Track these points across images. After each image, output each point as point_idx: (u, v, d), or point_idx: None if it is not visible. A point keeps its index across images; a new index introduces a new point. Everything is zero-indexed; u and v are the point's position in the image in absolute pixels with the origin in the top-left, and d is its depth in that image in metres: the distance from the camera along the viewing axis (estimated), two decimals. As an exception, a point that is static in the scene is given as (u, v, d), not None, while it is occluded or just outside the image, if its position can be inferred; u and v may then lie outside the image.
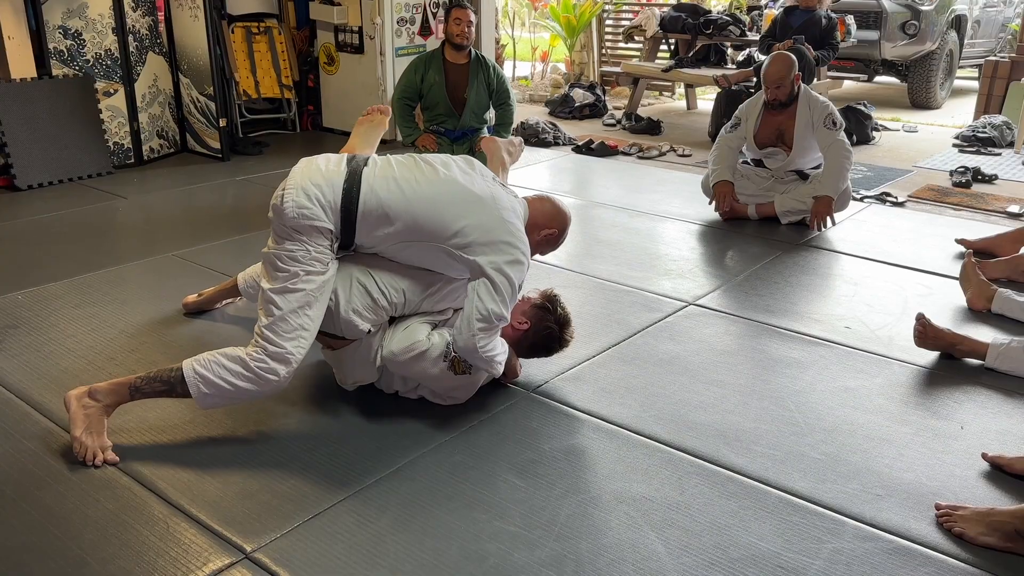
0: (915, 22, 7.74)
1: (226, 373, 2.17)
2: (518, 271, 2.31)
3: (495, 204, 2.34)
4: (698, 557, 1.86)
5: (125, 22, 5.14)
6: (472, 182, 2.38)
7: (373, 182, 2.29)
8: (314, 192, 2.24)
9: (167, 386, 2.20)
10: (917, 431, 2.39)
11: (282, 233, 2.25)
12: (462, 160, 2.48)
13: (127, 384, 2.22)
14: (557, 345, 2.56)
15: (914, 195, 4.89)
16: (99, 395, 2.20)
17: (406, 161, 2.40)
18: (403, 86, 4.79)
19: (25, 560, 1.83)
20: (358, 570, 1.81)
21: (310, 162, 2.36)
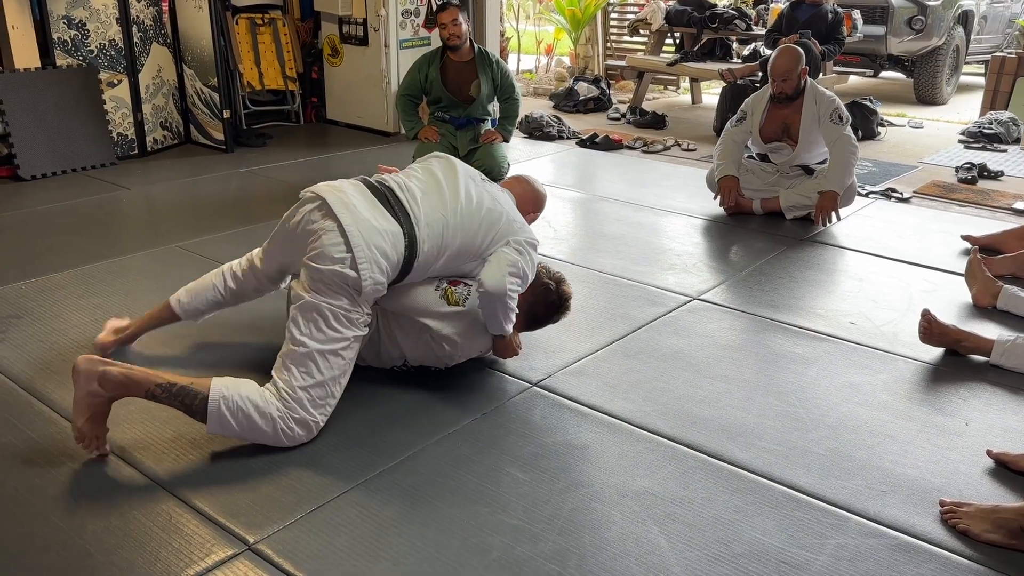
0: (922, 17, 7.71)
1: (249, 424, 2.10)
2: (534, 248, 2.51)
3: (502, 210, 2.49)
4: (701, 552, 1.86)
5: (129, 12, 5.13)
6: (480, 197, 2.48)
7: (422, 238, 2.32)
8: (383, 264, 2.24)
9: (185, 408, 2.10)
10: (921, 427, 2.38)
11: (338, 290, 2.19)
12: (454, 172, 2.52)
13: (144, 386, 2.08)
14: (556, 298, 2.60)
15: (919, 191, 4.87)
16: (109, 385, 2.06)
17: (425, 194, 2.41)
18: (407, 84, 4.96)
19: (28, 551, 1.83)
20: (361, 562, 1.80)
21: (356, 213, 2.25)
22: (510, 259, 2.41)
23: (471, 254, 2.45)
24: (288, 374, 2.15)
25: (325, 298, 2.18)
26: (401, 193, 2.37)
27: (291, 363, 2.15)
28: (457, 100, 4.90)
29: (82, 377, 2.06)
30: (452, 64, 4.85)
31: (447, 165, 2.56)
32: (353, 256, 2.18)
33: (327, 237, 2.20)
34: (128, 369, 2.10)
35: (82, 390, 2.06)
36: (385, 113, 6.06)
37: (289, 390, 2.14)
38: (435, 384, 2.52)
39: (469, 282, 2.51)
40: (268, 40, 6.07)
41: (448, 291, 2.46)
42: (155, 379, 2.10)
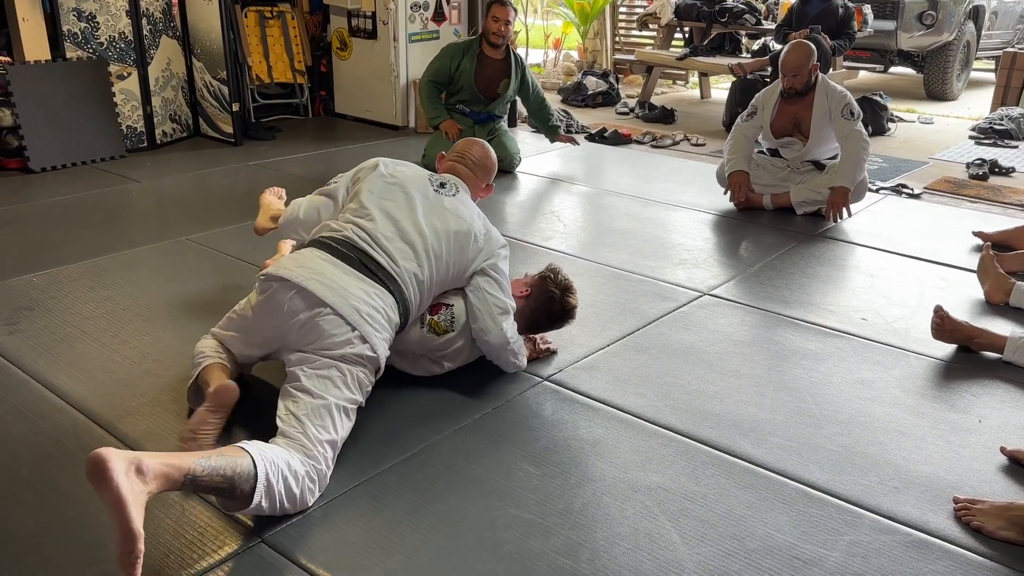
0: (932, 12, 7.67)
1: (284, 492, 1.83)
2: (506, 263, 2.49)
3: (468, 227, 2.39)
4: (714, 547, 1.85)
5: (139, 5, 5.12)
6: (444, 222, 2.36)
7: (410, 297, 2.25)
8: (388, 335, 2.18)
9: (228, 483, 1.72)
10: (934, 424, 2.37)
11: (352, 361, 2.07)
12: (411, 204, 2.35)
13: (183, 470, 1.67)
14: (560, 310, 2.57)
15: (930, 187, 4.85)
16: (149, 476, 1.59)
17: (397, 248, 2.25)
18: (435, 69, 4.97)
19: (42, 542, 1.84)
20: (373, 555, 1.80)
21: (345, 294, 2.09)
22: (494, 301, 2.39)
23: (450, 283, 2.42)
24: (303, 427, 1.95)
25: (346, 367, 2.06)
26: (376, 253, 2.21)
27: (304, 416, 1.96)
28: (481, 96, 4.98)
29: (119, 470, 1.54)
30: (487, 59, 4.94)
31: (401, 197, 2.36)
32: (360, 334, 2.08)
33: (326, 323, 2.05)
34: (163, 458, 1.67)
35: (123, 482, 1.54)
36: (394, 107, 6.05)
37: (309, 443, 1.93)
38: (445, 379, 2.52)
39: (447, 302, 2.45)
40: (277, 33, 6.07)
41: (432, 323, 2.41)
42: (192, 460, 1.69)
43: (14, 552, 1.81)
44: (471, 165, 2.61)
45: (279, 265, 2.18)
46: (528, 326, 2.58)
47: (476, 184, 2.60)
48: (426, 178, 2.46)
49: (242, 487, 1.74)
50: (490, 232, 2.47)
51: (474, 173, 2.60)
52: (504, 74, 4.99)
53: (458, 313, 2.44)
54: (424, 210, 2.35)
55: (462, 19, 6.28)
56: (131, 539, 1.51)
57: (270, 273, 2.16)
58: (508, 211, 4.27)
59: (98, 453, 1.56)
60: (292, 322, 2.09)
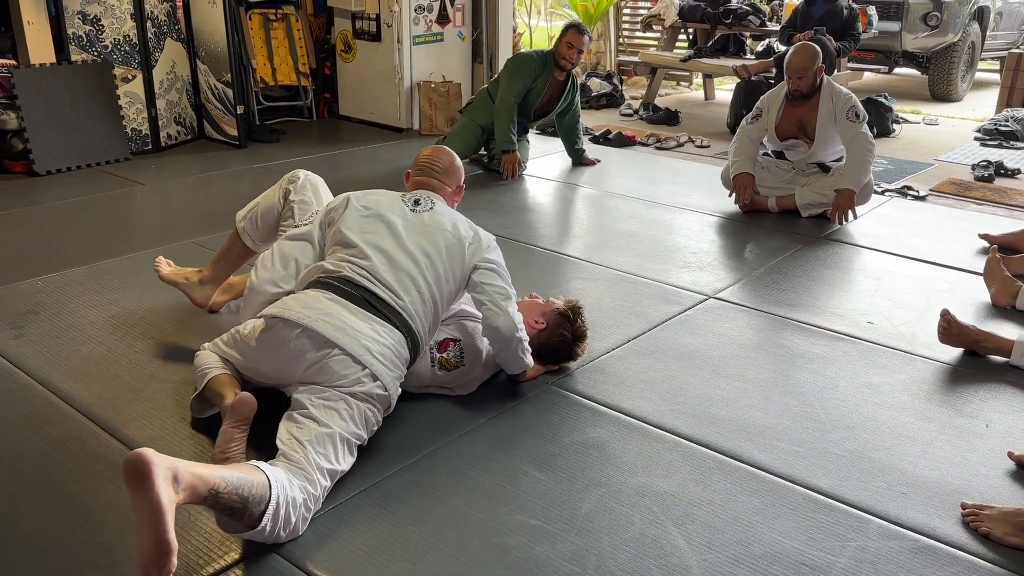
0: (937, 13, 7.65)
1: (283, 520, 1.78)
2: (497, 253, 2.45)
3: (456, 239, 2.35)
4: (721, 554, 1.85)
5: (143, 8, 5.13)
6: (433, 242, 2.31)
7: (418, 329, 2.22)
8: (399, 373, 2.16)
9: (242, 504, 1.67)
10: (941, 429, 2.36)
11: (361, 398, 2.05)
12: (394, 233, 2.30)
13: (209, 484, 1.62)
14: (565, 354, 2.60)
15: (935, 189, 4.84)
16: (181, 485, 1.55)
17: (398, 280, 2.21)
18: (519, 89, 4.88)
19: (48, 547, 1.84)
20: (379, 561, 1.80)
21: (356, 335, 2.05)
22: (495, 290, 2.35)
23: (457, 294, 2.39)
24: (305, 452, 1.91)
25: (346, 399, 2.02)
26: (379, 289, 2.17)
27: (308, 442, 1.92)
28: (534, 115, 5.07)
29: (161, 477, 1.49)
30: (553, 81, 4.97)
31: (382, 227, 2.31)
32: (371, 372, 2.05)
33: (336, 364, 2.02)
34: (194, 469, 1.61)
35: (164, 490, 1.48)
36: (398, 109, 6.05)
37: (310, 469, 1.89)
38: (451, 382, 2.52)
39: (454, 336, 2.44)
40: (281, 36, 6.07)
41: (442, 360, 2.40)
42: (218, 476, 1.65)
43: (19, 557, 1.80)
44: (439, 175, 2.55)
45: (284, 306, 2.12)
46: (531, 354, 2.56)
47: (448, 192, 2.55)
48: (399, 199, 2.42)
49: (252, 510, 1.70)
50: (477, 232, 2.43)
51: (443, 182, 2.54)
52: (560, 96, 5.04)
53: (466, 347, 2.43)
54: (408, 235, 2.30)
55: (466, 21, 6.28)
56: (165, 551, 1.44)
57: (274, 314, 2.11)
58: (512, 214, 4.26)
59: (141, 454, 1.48)
60: (299, 362, 2.05)
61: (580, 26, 4.93)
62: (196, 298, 2.79)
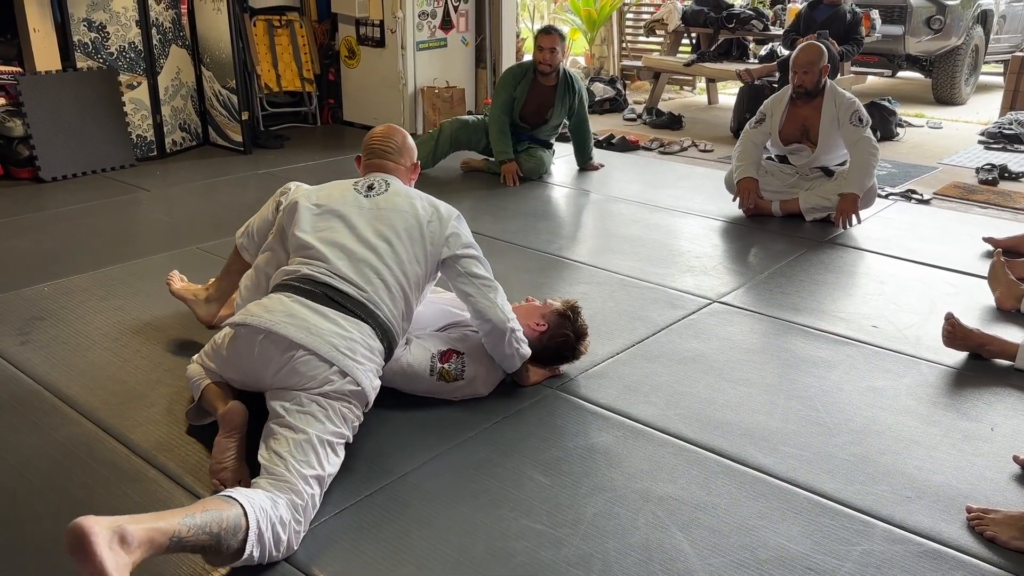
0: (940, 17, 7.65)
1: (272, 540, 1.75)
2: (465, 229, 2.41)
3: (414, 219, 2.31)
4: (726, 558, 1.85)
5: (149, 15, 5.16)
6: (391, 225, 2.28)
7: (387, 317, 2.17)
8: (373, 366, 2.12)
9: (215, 540, 1.63)
10: (946, 432, 2.36)
11: (335, 397, 2.02)
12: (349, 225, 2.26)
13: (168, 533, 1.57)
14: (569, 354, 2.60)
15: (939, 192, 4.84)
16: (133, 545, 1.50)
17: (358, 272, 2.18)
18: (503, 101, 4.92)
19: (52, 551, 1.84)
20: (385, 566, 1.81)
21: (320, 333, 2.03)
22: (482, 282, 2.35)
23: (430, 275, 2.34)
24: (285, 463, 1.87)
25: (320, 400, 1.99)
26: (341, 283, 2.14)
27: (287, 452, 1.89)
28: (523, 123, 5.01)
29: (101, 541, 1.46)
30: (538, 86, 4.95)
31: (336, 222, 2.28)
32: (339, 369, 2.01)
33: (302, 365, 1.99)
34: (145, 522, 1.56)
35: (105, 553, 1.45)
36: (401, 114, 6.07)
37: (293, 479, 1.85)
38: (456, 387, 2.52)
39: (458, 349, 2.44)
40: (285, 42, 6.09)
41: (443, 371, 2.39)
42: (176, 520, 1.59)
43: (26, 561, 1.81)
44: (392, 155, 2.48)
45: (248, 312, 2.11)
46: (532, 357, 2.56)
47: (402, 171, 2.49)
48: (351, 188, 2.37)
49: (229, 542, 1.65)
50: (437, 207, 2.37)
51: (397, 163, 2.48)
52: (552, 102, 4.97)
53: (469, 360, 2.42)
54: (364, 224, 2.26)
55: (470, 27, 6.30)
56: None
57: (238, 321, 2.10)
58: (516, 219, 4.27)
59: (79, 524, 1.45)
60: (267, 366, 2.04)
61: (546, 27, 5.00)
62: (201, 315, 2.80)
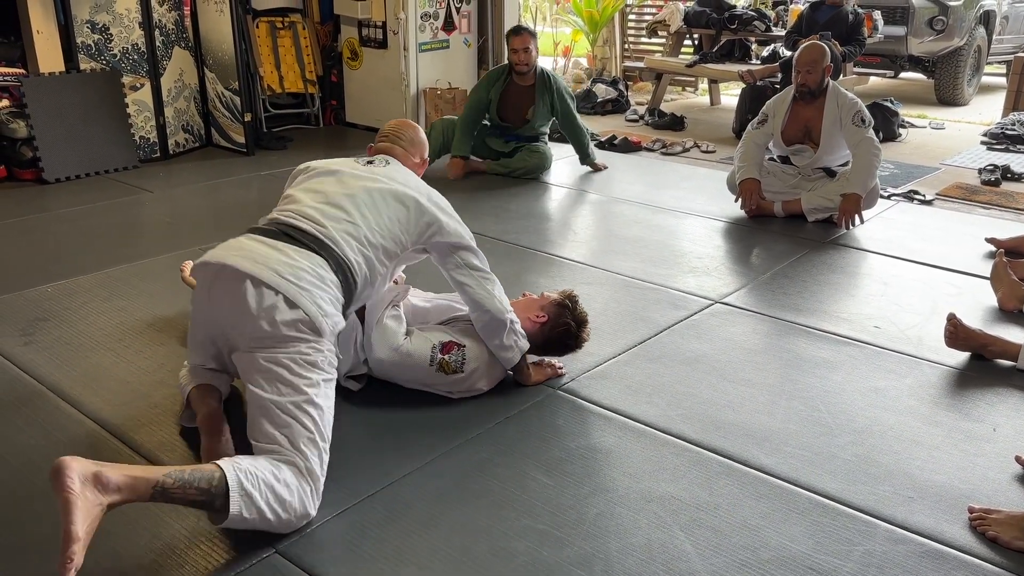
0: (943, 18, 7.64)
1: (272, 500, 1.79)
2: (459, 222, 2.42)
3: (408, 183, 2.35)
4: (728, 558, 1.85)
5: (152, 17, 5.17)
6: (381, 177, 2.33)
7: (345, 253, 2.14)
8: (323, 294, 2.04)
9: (206, 496, 1.72)
10: (949, 433, 2.36)
11: (290, 339, 1.96)
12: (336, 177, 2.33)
13: (151, 481, 1.69)
14: (573, 342, 2.59)
15: (942, 193, 4.83)
16: (110, 487, 1.64)
17: (325, 214, 2.19)
18: (474, 101, 5.05)
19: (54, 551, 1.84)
20: (386, 566, 1.81)
21: (266, 260, 2.02)
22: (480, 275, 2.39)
23: (406, 245, 2.29)
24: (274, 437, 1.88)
25: (277, 351, 1.95)
26: (300, 222, 2.15)
27: (271, 427, 1.89)
28: (507, 124, 5.07)
29: (76, 478, 1.61)
30: (514, 87, 5.01)
31: (327, 176, 2.34)
32: (285, 297, 1.96)
33: (250, 297, 1.96)
34: (127, 470, 1.70)
35: (78, 491, 1.60)
36: (404, 116, 6.07)
37: (287, 449, 1.87)
38: (458, 388, 2.52)
39: (460, 341, 2.43)
40: (288, 43, 6.10)
41: (443, 362, 2.39)
42: (160, 472, 1.71)
43: (29, 562, 1.82)
44: (404, 143, 2.56)
45: (206, 255, 2.12)
46: (537, 350, 2.58)
47: (411, 162, 2.53)
48: (353, 160, 2.44)
49: (221, 500, 1.72)
50: (433, 196, 2.39)
51: (407, 151, 2.54)
52: (532, 100, 5.00)
53: (469, 356, 2.42)
54: (352, 180, 2.31)
55: (472, 28, 6.31)
56: (68, 540, 1.56)
57: (197, 262, 2.14)
58: (519, 220, 4.27)
59: (60, 460, 1.62)
60: (223, 311, 2.03)
61: (515, 27, 5.03)
62: None
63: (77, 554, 1.56)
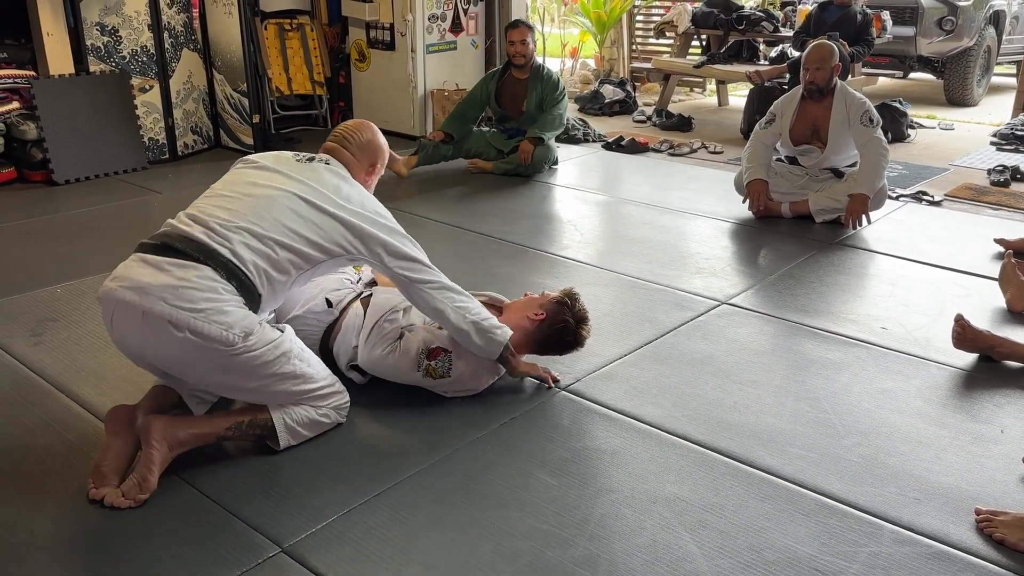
0: (952, 18, 7.61)
1: (312, 425, 2.23)
2: (397, 232, 2.30)
3: (338, 183, 2.27)
4: (733, 559, 1.85)
5: (161, 19, 5.19)
6: (304, 171, 2.26)
7: (238, 253, 2.07)
8: (228, 306, 2.04)
9: (258, 437, 2.18)
10: (956, 434, 2.35)
11: (205, 357, 2.04)
12: (271, 161, 2.31)
13: (215, 435, 2.12)
14: (572, 340, 2.56)
15: (951, 194, 4.81)
16: (180, 443, 2.07)
17: (228, 211, 2.15)
18: (470, 94, 5.33)
19: (64, 550, 1.86)
20: (392, 565, 1.82)
21: (145, 286, 1.99)
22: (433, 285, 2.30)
23: (330, 252, 2.19)
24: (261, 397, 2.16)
25: (210, 364, 2.04)
26: (193, 229, 2.10)
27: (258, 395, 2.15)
28: (508, 114, 5.22)
29: (164, 439, 2.02)
30: (511, 80, 5.17)
31: (248, 170, 2.31)
32: (184, 325, 1.96)
33: (149, 331, 1.98)
34: (192, 429, 2.11)
35: (164, 451, 2.02)
36: (412, 117, 6.09)
37: (302, 385, 2.17)
38: (464, 388, 2.53)
39: (447, 347, 2.40)
40: (296, 45, 6.12)
41: (429, 368, 2.39)
42: (223, 427, 2.14)
43: (38, 561, 1.83)
44: (352, 147, 2.43)
45: (102, 287, 2.11)
46: (537, 349, 2.58)
47: (357, 167, 2.41)
48: (294, 157, 2.34)
49: (272, 437, 2.17)
50: (365, 204, 2.27)
51: (356, 157, 2.42)
52: (527, 92, 5.14)
53: (456, 361, 2.41)
54: (270, 171, 2.25)
55: (479, 30, 6.31)
56: (146, 488, 2.00)
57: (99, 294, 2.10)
58: (524, 220, 4.28)
59: (146, 419, 2.06)
60: (130, 339, 2.05)
61: (513, 22, 5.21)
62: None
63: (146, 493, 1.98)
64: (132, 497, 1.97)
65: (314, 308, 2.49)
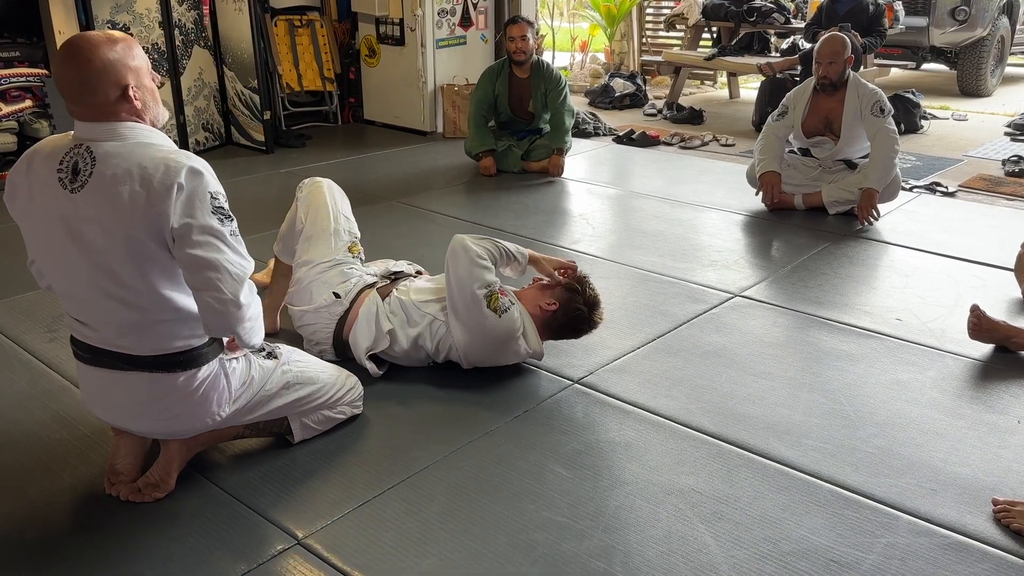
0: (965, 8, 7.55)
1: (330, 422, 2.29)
2: (204, 181, 1.87)
3: (132, 184, 1.76)
4: (749, 550, 1.84)
5: (171, 16, 5.21)
6: (87, 232, 1.78)
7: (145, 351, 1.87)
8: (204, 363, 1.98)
9: (279, 428, 2.21)
10: (972, 425, 2.34)
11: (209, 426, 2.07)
12: (55, 210, 1.81)
13: (231, 434, 2.15)
14: (586, 326, 2.59)
15: (965, 185, 4.78)
16: (196, 446, 2.10)
17: (90, 313, 1.86)
18: (478, 98, 5.06)
19: (83, 545, 1.87)
20: (408, 557, 1.82)
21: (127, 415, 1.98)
22: (218, 276, 1.82)
23: (169, 272, 1.83)
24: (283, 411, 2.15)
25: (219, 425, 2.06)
26: (101, 344, 1.89)
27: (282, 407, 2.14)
28: (518, 117, 5.12)
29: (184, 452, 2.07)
30: (515, 79, 5.05)
31: (52, 253, 1.86)
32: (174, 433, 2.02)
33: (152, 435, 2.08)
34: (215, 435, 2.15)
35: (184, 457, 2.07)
36: (422, 112, 6.09)
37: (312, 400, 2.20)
38: (476, 382, 2.53)
39: (511, 296, 2.50)
40: (306, 41, 6.13)
41: (493, 296, 2.42)
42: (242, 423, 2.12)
43: (54, 555, 1.84)
44: (82, 98, 1.84)
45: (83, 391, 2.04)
46: (552, 335, 2.60)
47: (103, 115, 1.85)
48: (56, 180, 1.82)
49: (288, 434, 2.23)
50: (167, 167, 1.77)
51: (89, 108, 1.84)
52: (531, 92, 5.03)
53: (512, 310, 2.47)
54: (77, 262, 1.81)
55: (489, 24, 6.30)
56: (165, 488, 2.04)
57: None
58: (537, 215, 4.27)
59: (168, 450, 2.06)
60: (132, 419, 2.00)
61: (513, 18, 5.09)
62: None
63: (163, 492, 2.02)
64: (148, 495, 2.00)
65: (322, 304, 2.56)
